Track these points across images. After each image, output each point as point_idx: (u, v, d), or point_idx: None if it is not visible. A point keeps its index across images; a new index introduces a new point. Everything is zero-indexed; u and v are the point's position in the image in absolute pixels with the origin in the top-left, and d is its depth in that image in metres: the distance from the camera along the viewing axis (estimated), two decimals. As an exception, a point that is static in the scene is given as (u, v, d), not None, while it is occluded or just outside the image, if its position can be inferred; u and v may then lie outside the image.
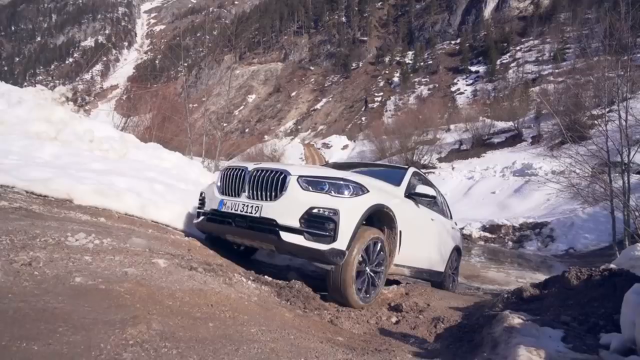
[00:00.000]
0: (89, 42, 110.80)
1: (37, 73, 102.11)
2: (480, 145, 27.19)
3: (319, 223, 2.59)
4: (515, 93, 36.97)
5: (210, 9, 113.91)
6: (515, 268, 10.08)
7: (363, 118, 50.76)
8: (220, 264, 2.21)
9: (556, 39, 46.09)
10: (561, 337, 2.00)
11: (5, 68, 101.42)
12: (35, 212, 2.34)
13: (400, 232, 3.26)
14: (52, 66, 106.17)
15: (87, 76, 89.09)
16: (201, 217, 3.17)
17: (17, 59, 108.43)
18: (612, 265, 2.70)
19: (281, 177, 2.73)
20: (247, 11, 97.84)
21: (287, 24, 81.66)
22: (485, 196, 18.55)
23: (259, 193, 2.76)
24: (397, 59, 61.81)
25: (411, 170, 4.18)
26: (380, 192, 3.13)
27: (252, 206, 2.71)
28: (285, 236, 2.55)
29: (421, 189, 3.72)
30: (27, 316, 0.89)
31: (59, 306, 0.98)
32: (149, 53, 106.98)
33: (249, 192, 2.81)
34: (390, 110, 49.77)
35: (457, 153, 27.36)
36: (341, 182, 2.80)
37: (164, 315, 1.12)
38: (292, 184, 2.69)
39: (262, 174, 2.80)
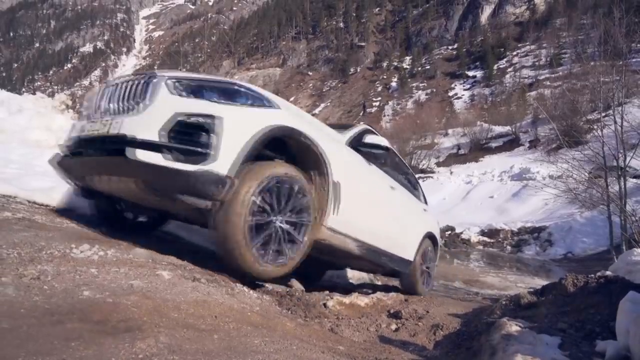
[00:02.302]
0: (88, 48, 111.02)
1: (35, 79, 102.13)
2: (478, 149, 27.36)
3: (188, 135, 1.85)
4: (512, 98, 37.24)
5: (209, 14, 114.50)
6: (514, 273, 10.13)
7: (361, 123, 50.88)
8: (223, 273, 2.24)
9: (552, 44, 46.50)
10: (558, 344, 2.03)
11: (4, 74, 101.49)
12: (38, 223, 2.37)
13: (339, 184, 2.49)
14: (51, 72, 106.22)
15: (86, 82, 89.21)
16: (56, 155, 2.50)
17: (16, 65, 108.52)
18: (607, 272, 2.75)
19: (146, 80, 1.98)
20: (245, 17, 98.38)
21: (285, 29, 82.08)
22: (483, 200, 18.65)
23: (118, 106, 2.03)
24: (395, 64, 62.12)
25: (364, 126, 3.44)
26: (300, 118, 2.38)
27: (104, 123, 1.99)
28: (135, 154, 1.77)
29: (371, 139, 3.00)
30: (40, 332, 0.92)
31: (70, 321, 1.02)
32: (147, 59, 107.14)
33: (106, 106, 2.09)
34: (388, 115, 49.98)
35: (455, 157, 27.50)
36: (233, 87, 2.11)
37: (170, 328, 1.15)
38: (159, 87, 1.92)
39: (127, 82, 2.07)
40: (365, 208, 2.99)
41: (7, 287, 1.11)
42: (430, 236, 4.44)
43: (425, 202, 4.81)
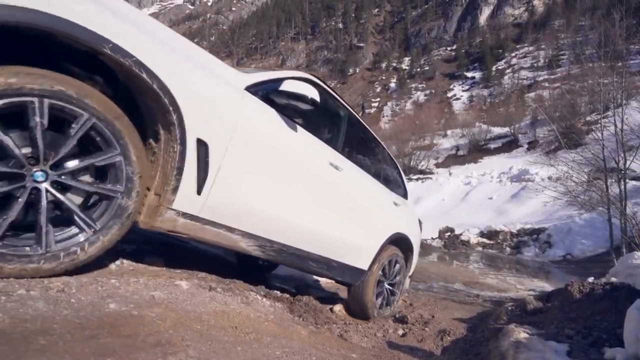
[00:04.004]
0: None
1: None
2: (477, 150, 27.48)
3: None
4: (511, 99, 37.38)
5: (208, 15, 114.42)
6: (513, 274, 10.17)
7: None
8: (234, 281, 2.27)
9: (551, 46, 46.71)
10: (566, 351, 2.07)
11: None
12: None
13: (208, 146, 1.62)
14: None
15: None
16: None
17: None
18: (613, 279, 2.78)
19: None
20: (244, 17, 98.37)
21: (284, 30, 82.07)
22: (482, 202, 18.71)
23: None
24: (394, 64, 62.26)
25: (295, 72, 2.34)
26: (107, 16, 1.34)
27: None
28: None
29: (291, 86, 1.99)
30: (75, 348, 0.95)
31: (102, 335, 1.04)
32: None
33: None
34: (387, 116, 50.07)
35: (454, 158, 27.59)
36: None
37: (196, 341, 1.18)
38: None
39: None
40: (274, 190, 2.02)
41: (37, 301, 1.13)
42: (399, 240, 3.34)
43: (404, 195, 3.78)
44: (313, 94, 2.03)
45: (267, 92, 1.99)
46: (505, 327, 2.38)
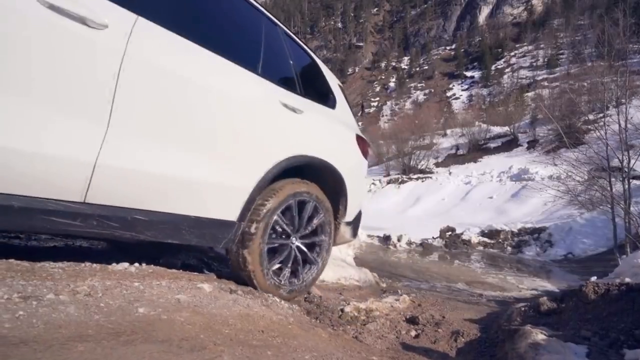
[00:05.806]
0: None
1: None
2: (477, 150, 27.53)
3: None
4: (510, 98, 37.45)
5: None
6: (515, 274, 10.17)
7: (360, 123, 50.90)
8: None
9: (550, 45, 46.82)
10: (585, 353, 2.06)
11: None
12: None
13: None
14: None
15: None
16: None
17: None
18: (627, 279, 2.78)
19: None
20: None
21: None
22: (482, 201, 18.75)
23: None
24: (393, 64, 62.37)
25: None
26: None
27: None
28: None
29: None
30: (115, 354, 0.93)
31: (138, 341, 1.02)
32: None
33: None
34: (386, 115, 50.15)
35: (454, 158, 27.63)
36: None
37: (227, 346, 1.16)
38: None
39: None
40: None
41: (68, 306, 1.11)
42: (311, 169, 2.23)
43: (327, 99, 2.61)
44: None
45: None
46: (522, 329, 2.37)
